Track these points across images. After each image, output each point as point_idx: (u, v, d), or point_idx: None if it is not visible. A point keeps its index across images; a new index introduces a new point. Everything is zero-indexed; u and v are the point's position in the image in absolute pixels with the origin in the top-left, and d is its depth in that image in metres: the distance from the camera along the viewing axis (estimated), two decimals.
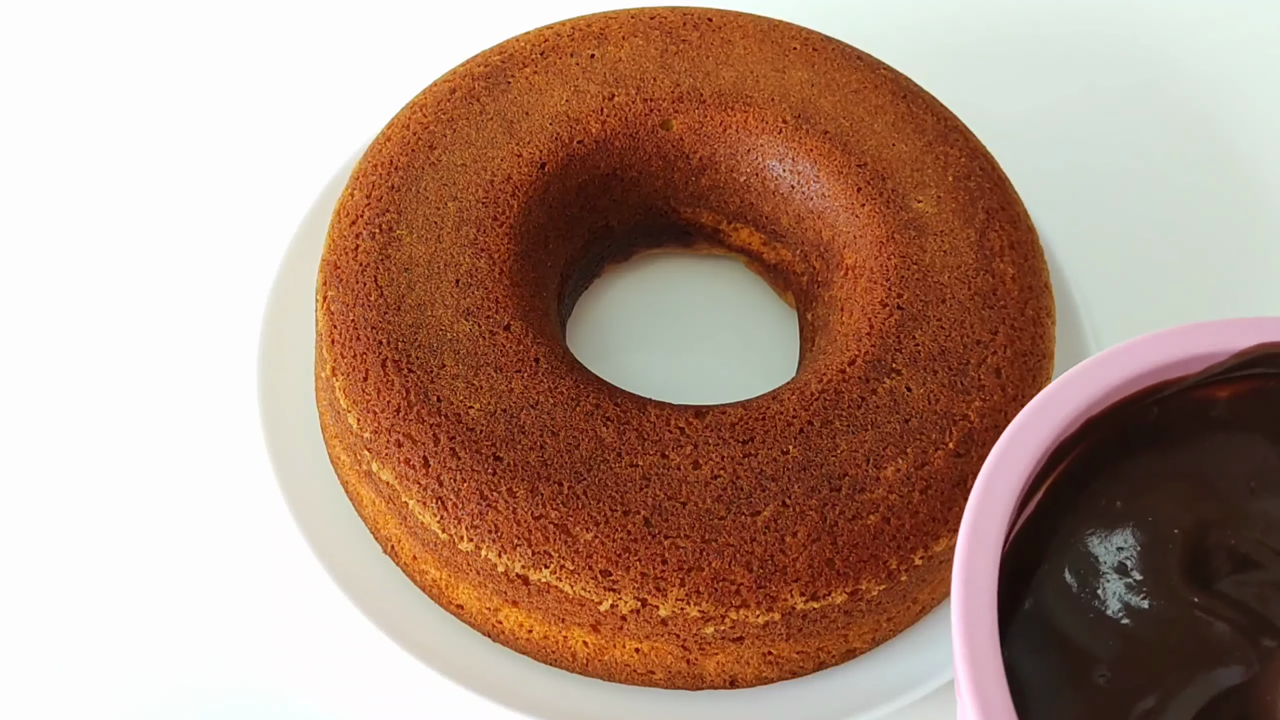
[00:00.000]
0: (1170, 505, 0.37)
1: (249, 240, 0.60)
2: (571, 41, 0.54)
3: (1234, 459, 0.37)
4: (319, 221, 0.55)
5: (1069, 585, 0.36)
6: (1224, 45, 0.70)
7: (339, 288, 0.48)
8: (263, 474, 0.52)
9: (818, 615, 0.44)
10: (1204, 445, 0.38)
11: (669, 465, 0.44)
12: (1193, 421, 0.38)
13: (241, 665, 0.50)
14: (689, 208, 0.56)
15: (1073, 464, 0.37)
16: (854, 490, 0.44)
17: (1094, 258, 0.61)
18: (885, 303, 0.48)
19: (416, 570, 0.48)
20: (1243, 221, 0.64)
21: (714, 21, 0.55)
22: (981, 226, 0.50)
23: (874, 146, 0.52)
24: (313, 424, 0.52)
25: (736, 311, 0.57)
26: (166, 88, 0.67)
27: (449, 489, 0.44)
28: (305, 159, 0.63)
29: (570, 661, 0.47)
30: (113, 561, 0.52)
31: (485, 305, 0.47)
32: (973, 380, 0.47)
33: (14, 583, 0.52)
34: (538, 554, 0.43)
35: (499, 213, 0.50)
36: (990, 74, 0.68)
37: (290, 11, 0.70)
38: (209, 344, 0.57)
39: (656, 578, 0.43)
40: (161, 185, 0.63)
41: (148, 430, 0.55)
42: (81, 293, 0.59)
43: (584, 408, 0.45)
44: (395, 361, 0.46)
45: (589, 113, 0.52)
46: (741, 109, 0.53)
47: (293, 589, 0.51)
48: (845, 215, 0.51)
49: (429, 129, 0.51)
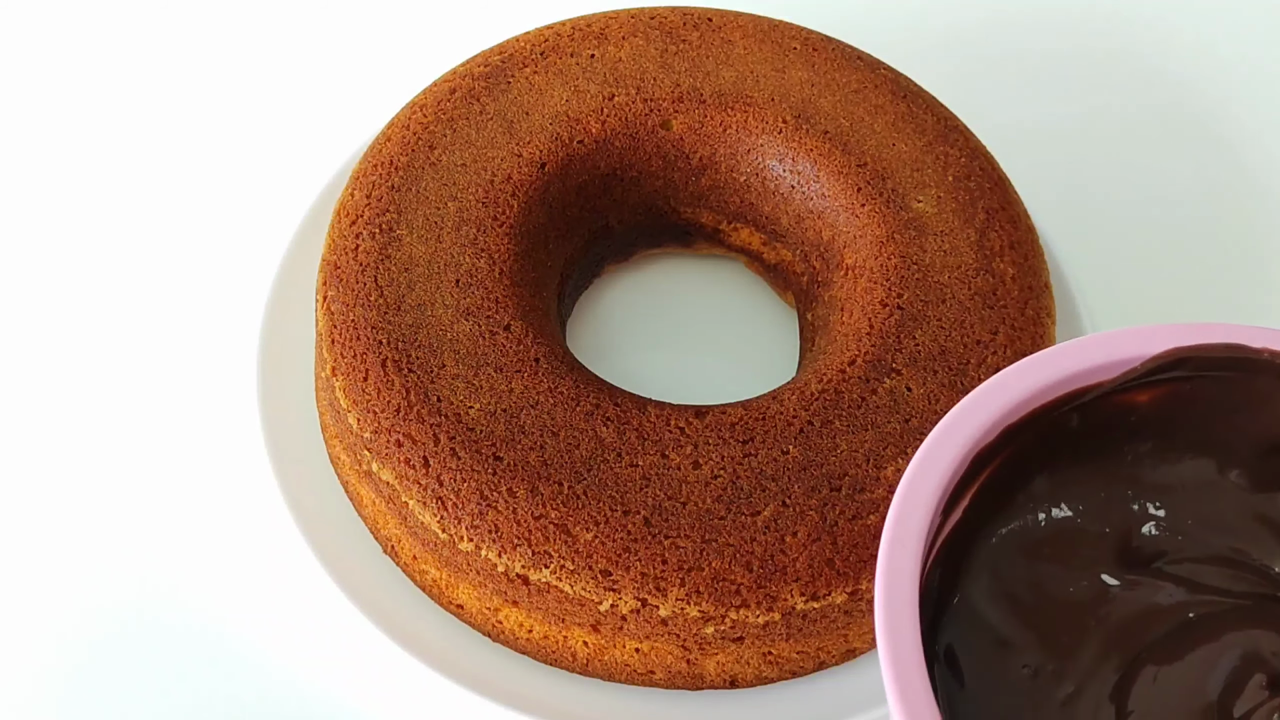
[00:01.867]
0: (1096, 505, 0.38)
1: (249, 240, 0.60)
2: (571, 41, 0.54)
3: (1157, 460, 0.39)
4: (319, 221, 0.55)
5: (994, 583, 0.37)
6: (1224, 46, 0.70)
7: (339, 288, 0.48)
8: (263, 474, 0.52)
9: (818, 615, 0.44)
10: (1126, 448, 0.39)
11: (669, 465, 0.44)
12: (1114, 426, 0.39)
13: (241, 665, 0.50)
14: (689, 208, 0.56)
15: (997, 471, 0.38)
16: (854, 490, 0.44)
17: (1094, 258, 0.61)
18: (885, 303, 0.48)
19: (416, 570, 0.48)
20: (1242, 221, 0.64)
21: (714, 21, 0.55)
22: (981, 226, 0.50)
23: (874, 146, 0.52)
24: (313, 424, 0.52)
25: (736, 311, 0.57)
26: (166, 88, 0.67)
27: (449, 489, 0.44)
28: (305, 159, 0.63)
29: (570, 661, 0.47)
30: (113, 561, 0.52)
31: (485, 305, 0.47)
32: (973, 380, 0.47)
33: (14, 582, 0.52)
34: (538, 554, 0.43)
35: (499, 213, 0.50)
36: (990, 74, 0.68)
37: (290, 11, 0.70)
38: (209, 344, 0.57)
39: (656, 578, 0.43)
40: (162, 186, 0.63)
41: (148, 430, 0.55)
42: (82, 293, 0.59)
43: (584, 408, 0.45)
44: (395, 361, 0.46)
45: (589, 113, 0.52)
46: (741, 109, 0.53)
47: (293, 589, 0.51)
48: (845, 215, 0.51)
49: (429, 129, 0.51)
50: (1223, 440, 0.39)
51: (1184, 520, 0.38)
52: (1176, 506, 0.38)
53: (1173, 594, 0.37)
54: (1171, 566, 0.37)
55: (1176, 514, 0.38)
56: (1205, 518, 0.38)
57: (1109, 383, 0.39)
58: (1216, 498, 0.39)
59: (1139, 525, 0.38)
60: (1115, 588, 0.37)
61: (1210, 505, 0.38)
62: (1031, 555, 0.37)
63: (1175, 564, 0.37)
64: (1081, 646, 0.36)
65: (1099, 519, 0.38)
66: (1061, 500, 0.38)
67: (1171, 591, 0.37)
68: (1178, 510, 0.38)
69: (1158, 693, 0.35)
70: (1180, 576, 0.37)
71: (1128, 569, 0.37)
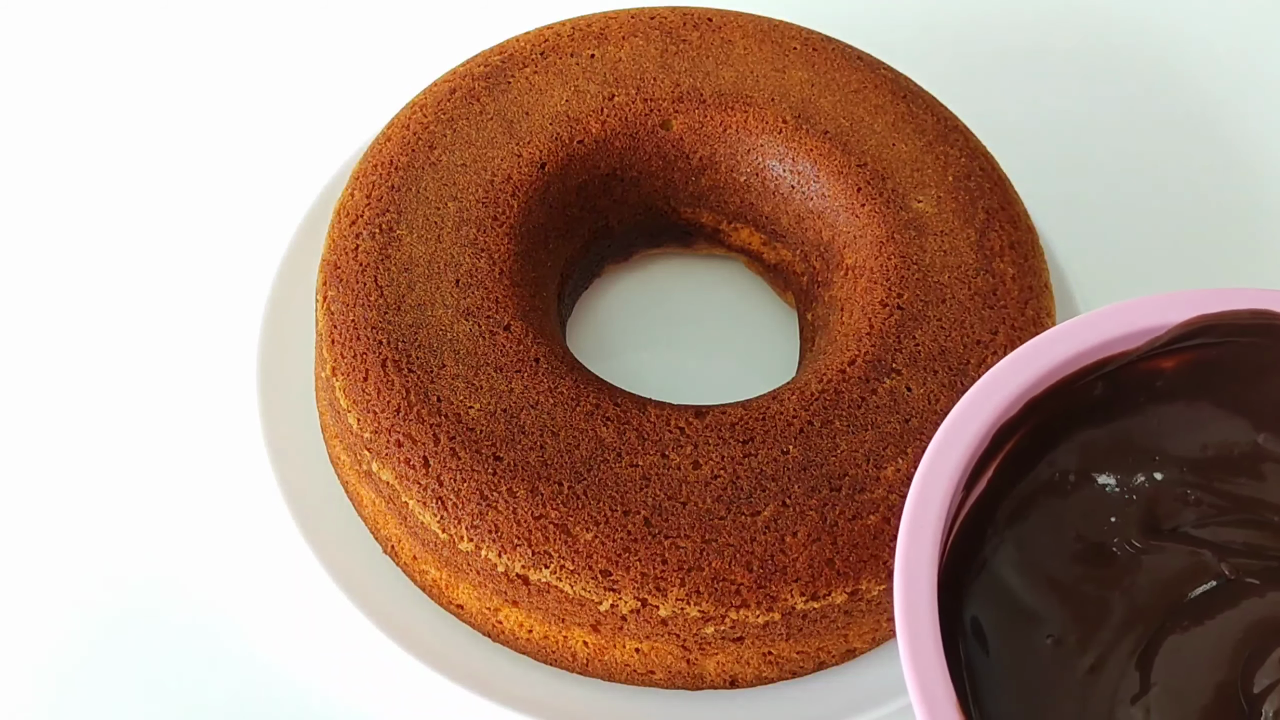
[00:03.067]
0: (1121, 472, 0.38)
1: (249, 240, 0.60)
2: (571, 41, 0.54)
3: (1184, 425, 0.39)
4: (319, 221, 0.55)
5: (1019, 554, 0.37)
6: (1225, 46, 0.70)
7: (339, 288, 0.48)
8: (263, 474, 0.52)
9: (818, 615, 0.44)
10: (1153, 414, 0.39)
11: (669, 465, 0.44)
12: (1140, 392, 0.39)
13: (241, 665, 0.50)
14: (689, 208, 0.56)
15: (1020, 442, 0.38)
16: (854, 490, 0.44)
17: (1094, 258, 0.61)
18: (885, 303, 0.48)
19: (416, 570, 0.48)
20: (1243, 221, 0.64)
21: (714, 21, 0.55)
22: (981, 226, 0.50)
23: (874, 146, 0.52)
24: (313, 424, 0.52)
25: (736, 311, 0.57)
26: (166, 88, 0.67)
27: (449, 489, 0.44)
28: (305, 159, 0.63)
29: (570, 661, 0.47)
30: (113, 561, 0.52)
31: (485, 305, 0.47)
32: (973, 380, 0.47)
33: (14, 582, 0.52)
34: (538, 554, 0.43)
35: (499, 213, 0.50)
36: (990, 74, 0.68)
37: (290, 11, 0.70)
38: (209, 344, 0.57)
39: (656, 578, 0.43)
40: (162, 186, 0.63)
41: (148, 430, 0.55)
42: (82, 293, 0.59)
43: (584, 408, 0.45)
44: (395, 361, 0.46)
45: (589, 113, 0.52)
46: (741, 109, 0.53)
47: (293, 589, 0.51)
48: (845, 215, 0.51)
49: (429, 129, 0.51)
50: (1252, 404, 0.39)
51: (1210, 484, 0.38)
52: (1203, 471, 0.38)
53: (1198, 558, 0.37)
54: (1198, 530, 0.37)
55: (1203, 478, 0.38)
56: (1232, 481, 0.38)
57: (1134, 350, 0.39)
58: (1244, 461, 0.39)
59: (1165, 491, 0.38)
60: (1141, 554, 0.37)
61: (1237, 469, 0.38)
62: (1056, 525, 0.38)
63: (1201, 528, 0.37)
64: (1105, 616, 0.36)
65: (1124, 486, 0.38)
66: (1086, 469, 0.38)
67: (1197, 556, 0.37)
68: (1204, 474, 0.38)
69: (1180, 664, 0.35)
70: (1206, 539, 0.37)
71: (1153, 535, 0.37)
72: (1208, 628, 0.35)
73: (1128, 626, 0.36)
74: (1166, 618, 0.36)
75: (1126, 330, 0.38)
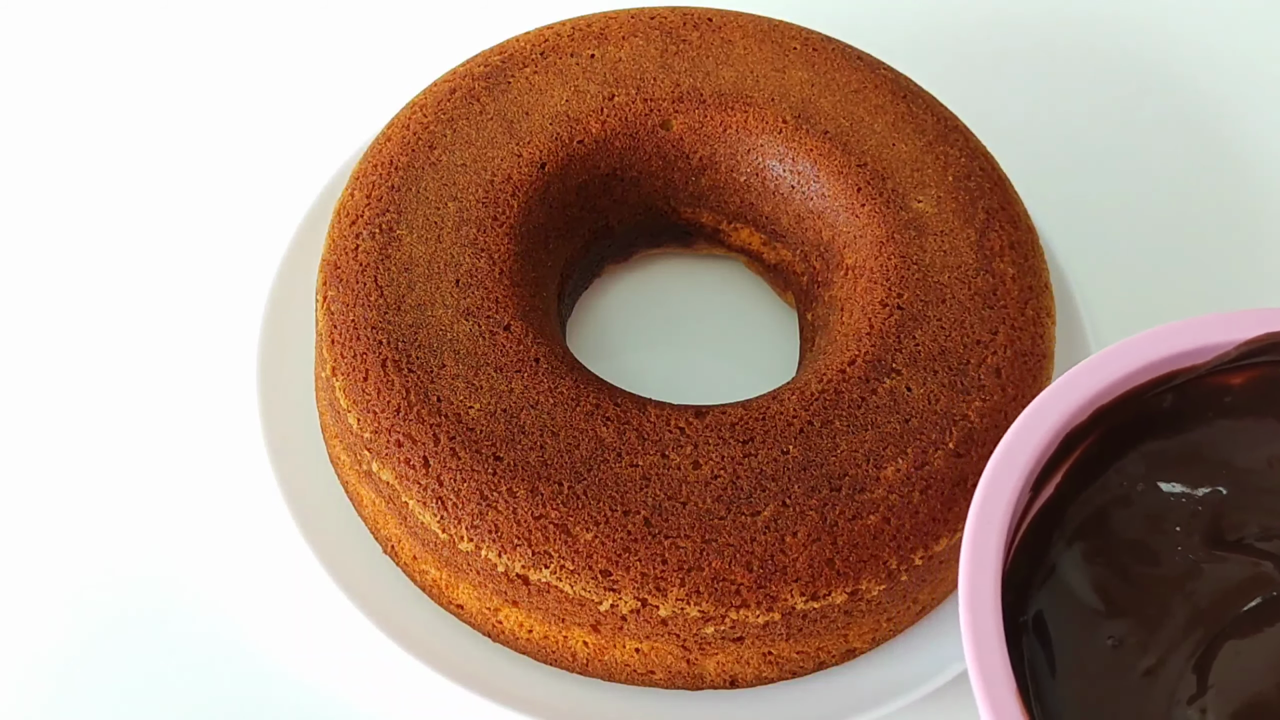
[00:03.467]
0: (1188, 483, 0.39)
1: (249, 240, 0.60)
2: (571, 41, 0.54)
3: (1251, 440, 0.40)
4: (319, 221, 0.55)
5: (1084, 557, 0.38)
6: (1225, 46, 0.70)
7: (339, 288, 0.48)
8: (263, 474, 0.52)
9: (818, 615, 0.44)
10: (1220, 428, 0.40)
11: (669, 465, 0.44)
12: (1208, 407, 0.40)
13: (241, 665, 0.50)
14: (689, 208, 0.56)
15: (1089, 449, 0.39)
16: (854, 490, 0.44)
17: (1094, 258, 0.61)
18: (885, 303, 0.48)
19: (416, 570, 0.48)
20: (1242, 221, 0.64)
21: (714, 21, 0.55)
22: (981, 226, 0.50)
23: (874, 146, 0.52)
24: (313, 424, 0.52)
25: (736, 311, 0.57)
26: (166, 88, 0.67)
27: (449, 489, 0.44)
28: (305, 159, 0.63)
29: (570, 661, 0.47)
30: (113, 561, 0.52)
31: (485, 305, 0.47)
32: (973, 380, 0.47)
33: (13, 582, 0.52)
34: (538, 554, 0.43)
35: (499, 213, 0.50)
36: (991, 74, 0.68)
37: (290, 11, 0.70)
38: (209, 344, 0.57)
39: (656, 578, 0.43)
40: (162, 186, 0.63)
41: (148, 430, 0.55)
42: (82, 293, 0.59)
43: (584, 408, 0.45)
44: (395, 361, 0.46)
45: (589, 113, 0.52)
46: (741, 109, 0.53)
47: (293, 589, 0.51)
48: (845, 215, 0.51)
49: (429, 129, 0.51)
50: None
51: (1275, 498, 0.39)
52: (1269, 485, 0.39)
53: (1260, 569, 0.37)
54: (1261, 543, 0.38)
55: (1268, 492, 0.39)
56: None
57: (1202, 365, 0.40)
58: None
59: (1230, 503, 0.39)
60: (1204, 563, 0.38)
61: None
62: (1122, 531, 0.39)
63: (1265, 540, 0.38)
64: (1166, 620, 0.37)
65: (1190, 496, 0.39)
66: (1154, 478, 0.39)
67: (1259, 567, 0.38)
68: (1271, 489, 0.39)
69: (1238, 667, 0.36)
70: (1269, 552, 0.38)
71: (1217, 545, 0.38)
72: (1266, 635, 0.36)
73: (1187, 631, 0.37)
74: (1226, 624, 0.37)
75: (1194, 345, 0.39)
